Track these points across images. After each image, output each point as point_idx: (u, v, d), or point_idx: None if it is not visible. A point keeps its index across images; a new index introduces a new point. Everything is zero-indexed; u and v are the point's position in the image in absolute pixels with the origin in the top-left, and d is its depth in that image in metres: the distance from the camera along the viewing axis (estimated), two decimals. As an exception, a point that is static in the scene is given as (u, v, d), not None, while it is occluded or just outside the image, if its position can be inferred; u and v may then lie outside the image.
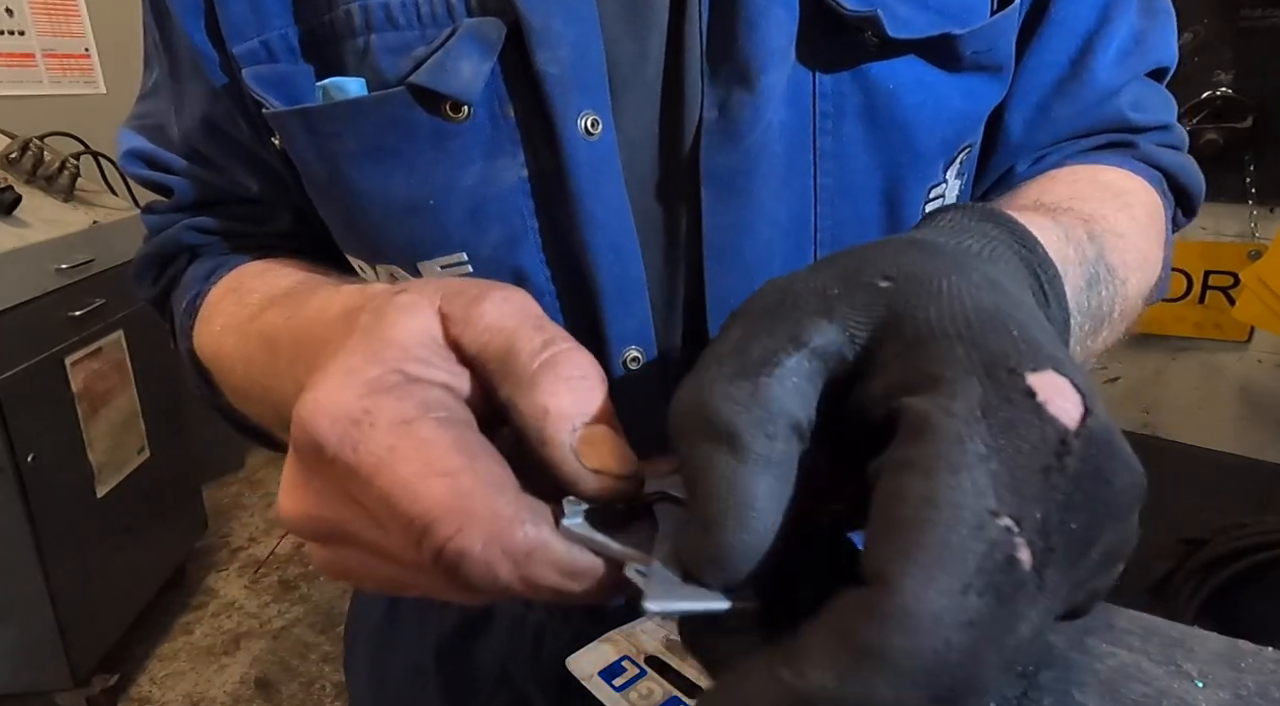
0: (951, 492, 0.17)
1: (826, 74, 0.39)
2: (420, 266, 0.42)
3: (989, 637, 0.17)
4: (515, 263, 0.41)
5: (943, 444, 0.18)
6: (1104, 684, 0.36)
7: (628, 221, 0.40)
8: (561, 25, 0.37)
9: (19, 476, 1.52)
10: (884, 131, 0.41)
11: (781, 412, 0.20)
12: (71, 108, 2.09)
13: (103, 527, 1.75)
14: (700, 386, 0.21)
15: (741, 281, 0.41)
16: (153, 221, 0.53)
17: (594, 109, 0.38)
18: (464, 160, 0.39)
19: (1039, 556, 0.17)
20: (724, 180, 0.39)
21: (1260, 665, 0.38)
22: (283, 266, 0.48)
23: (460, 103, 0.38)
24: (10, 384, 1.50)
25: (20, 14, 1.98)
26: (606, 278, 0.40)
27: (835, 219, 0.42)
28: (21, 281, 1.54)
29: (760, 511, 0.20)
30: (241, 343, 0.41)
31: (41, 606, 1.58)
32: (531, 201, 0.40)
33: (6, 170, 1.68)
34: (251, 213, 0.51)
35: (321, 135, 0.40)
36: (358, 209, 0.42)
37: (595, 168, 0.39)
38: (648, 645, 0.38)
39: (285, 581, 2.24)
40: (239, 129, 0.45)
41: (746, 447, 0.20)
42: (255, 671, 1.93)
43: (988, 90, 0.43)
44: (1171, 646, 0.39)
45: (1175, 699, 0.36)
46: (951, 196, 0.46)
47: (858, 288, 0.22)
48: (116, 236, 1.82)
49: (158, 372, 1.96)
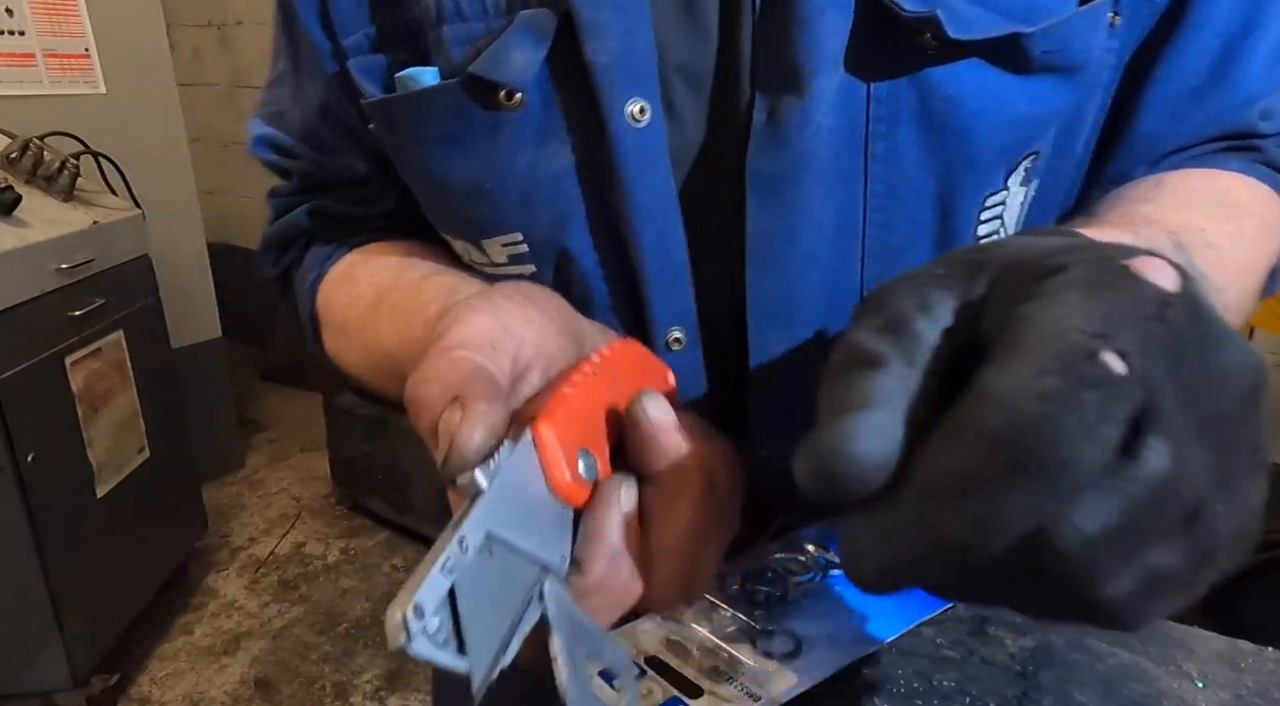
0: (1041, 313, 0.21)
1: (882, 78, 0.38)
2: (484, 244, 0.45)
3: (1066, 409, 0.19)
4: (564, 244, 0.43)
5: (1043, 297, 0.21)
6: (1104, 684, 0.36)
7: (673, 207, 0.41)
8: (610, 16, 0.38)
9: (19, 476, 1.52)
10: (940, 137, 0.39)
11: (917, 352, 0.23)
12: (71, 108, 2.08)
13: (103, 527, 1.75)
14: (848, 337, 0.24)
15: (782, 284, 0.41)
16: (276, 205, 0.57)
17: (642, 97, 0.39)
18: (518, 146, 0.41)
19: (1137, 371, 0.20)
20: (768, 184, 0.40)
21: (1260, 665, 0.38)
22: (386, 256, 0.51)
23: (514, 90, 0.39)
24: (10, 384, 1.50)
25: (20, 14, 1.98)
26: (651, 261, 0.41)
27: (884, 225, 0.41)
28: (21, 281, 1.54)
29: (886, 402, 0.22)
30: (358, 333, 0.48)
31: (41, 606, 1.58)
32: (579, 187, 0.41)
33: (6, 170, 1.68)
34: (361, 195, 0.54)
35: (399, 123, 0.43)
36: (430, 191, 0.45)
37: (641, 154, 0.40)
38: (648, 645, 0.38)
39: (285, 581, 2.24)
40: (350, 114, 0.48)
41: (888, 363, 0.23)
42: (255, 671, 1.93)
43: (1058, 93, 0.41)
44: (1171, 646, 0.39)
45: (1175, 699, 0.36)
46: (1014, 205, 0.44)
47: (960, 263, 0.25)
48: (116, 236, 1.82)
49: (158, 373, 1.96)
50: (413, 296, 0.43)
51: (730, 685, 0.36)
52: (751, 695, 0.35)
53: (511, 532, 0.25)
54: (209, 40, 3.41)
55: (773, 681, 0.36)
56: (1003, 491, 0.19)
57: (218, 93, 3.47)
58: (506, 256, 0.45)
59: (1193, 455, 0.20)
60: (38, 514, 1.55)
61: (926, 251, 0.42)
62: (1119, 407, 0.19)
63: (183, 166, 2.42)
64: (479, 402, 0.26)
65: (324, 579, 2.25)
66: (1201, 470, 0.20)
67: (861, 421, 0.22)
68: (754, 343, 0.43)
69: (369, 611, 2.12)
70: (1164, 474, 0.20)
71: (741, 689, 0.35)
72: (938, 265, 0.25)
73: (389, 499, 2.40)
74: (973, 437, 0.20)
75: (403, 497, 2.35)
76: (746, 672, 0.36)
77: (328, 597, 2.17)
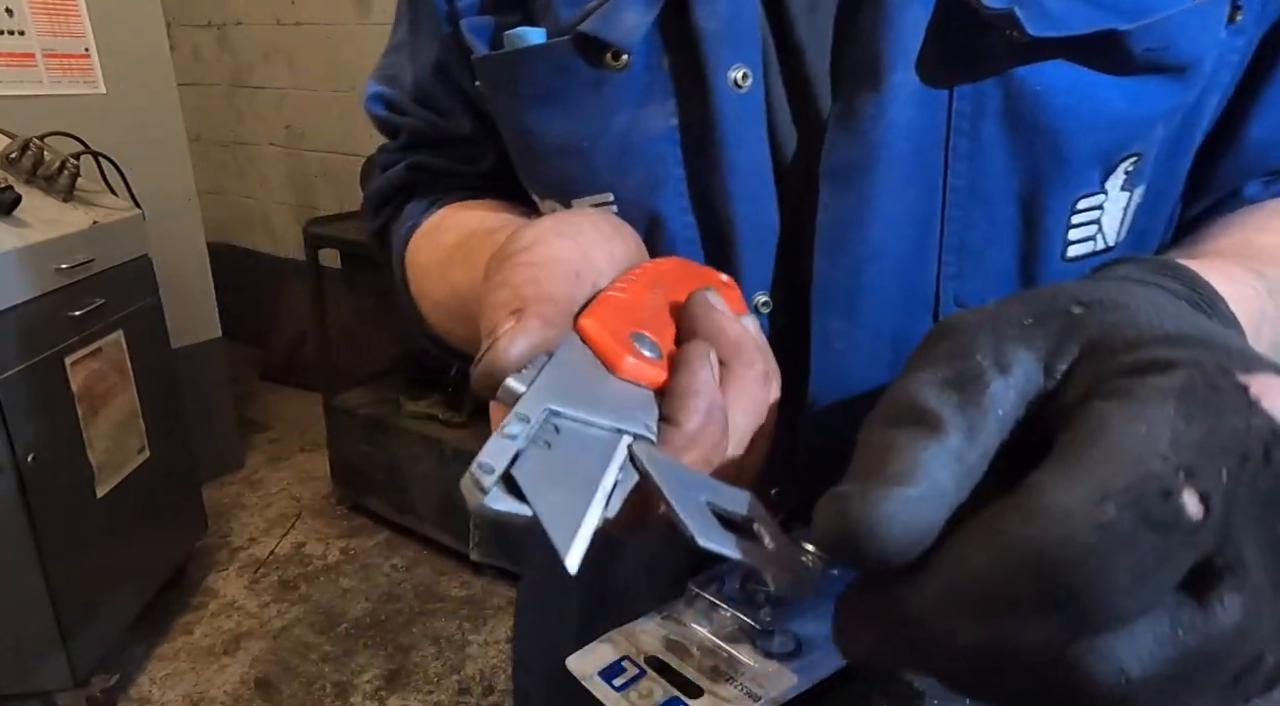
0: (1122, 428, 0.18)
1: (965, 74, 0.37)
2: (573, 203, 0.46)
3: (1121, 548, 0.17)
4: (654, 207, 0.43)
5: (1132, 399, 0.19)
6: (1104, 684, 0.36)
7: (767, 172, 0.41)
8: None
9: (19, 476, 1.52)
10: (1027, 135, 0.38)
11: (983, 426, 0.21)
12: (71, 108, 2.08)
13: (103, 527, 1.75)
14: (908, 385, 0.22)
15: (848, 275, 0.41)
16: (382, 160, 0.60)
17: (745, 63, 0.40)
18: (617, 107, 0.42)
19: (1217, 518, 0.18)
20: (841, 174, 0.40)
21: (1260, 665, 0.38)
22: (475, 210, 0.53)
23: (621, 51, 0.40)
24: (10, 384, 1.50)
25: (20, 14, 1.98)
26: (743, 224, 0.42)
27: (965, 222, 0.40)
28: (21, 281, 1.54)
29: (933, 484, 0.20)
30: (437, 277, 0.49)
31: (41, 606, 1.58)
32: (677, 149, 0.42)
33: (6, 170, 1.68)
34: (463, 154, 0.56)
35: (502, 79, 0.45)
36: (526, 148, 0.46)
37: (741, 118, 0.40)
38: (648, 645, 0.38)
39: (285, 581, 2.24)
40: (461, 74, 0.50)
41: (946, 434, 0.21)
42: (255, 671, 1.93)
43: (1165, 93, 0.38)
44: (1172, 646, 0.39)
45: (1175, 699, 0.36)
46: (1114, 210, 0.41)
47: (1053, 315, 0.22)
48: (116, 236, 1.82)
49: (158, 373, 1.96)
50: (486, 240, 0.44)
51: (730, 685, 0.35)
52: (752, 695, 0.35)
53: (579, 410, 0.25)
54: (209, 40, 3.41)
55: (773, 681, 0.35)
56: (1031, 618, 0.18)
57: (218, 93, 3.47)
58: None
59: (1265, 611, 0.18)
60: (38, 514, 1.55)
61: (1008, 252, 0.41)
62: (1183, 556, 0.18)
63: (183, 166, 2.42)
64: (534, 320, 0.26)
65: (324, 579, 2.25)
66: (1272, 627, 0.19)
67: (900, 500, 0.20)
68: (815, 330, 0.43)
69: (369, 611, 2.12)
70: (1230, 631, 0.18)
71: (742, 689, 0.35)
72: (1027, 310, 0.22)
73: (389, 499, 2.40)
74: (1013, 550, 0.18)
75: (403, 497, 2.35)
76: (746, 672, 0.36)
77: (328, 597, 2.17)
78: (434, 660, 1.96)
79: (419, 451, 2.25)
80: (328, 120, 3.13)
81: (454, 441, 2.19)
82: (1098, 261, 0.40)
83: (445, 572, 2.26)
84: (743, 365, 0.30)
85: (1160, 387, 0.19)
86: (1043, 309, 0.22)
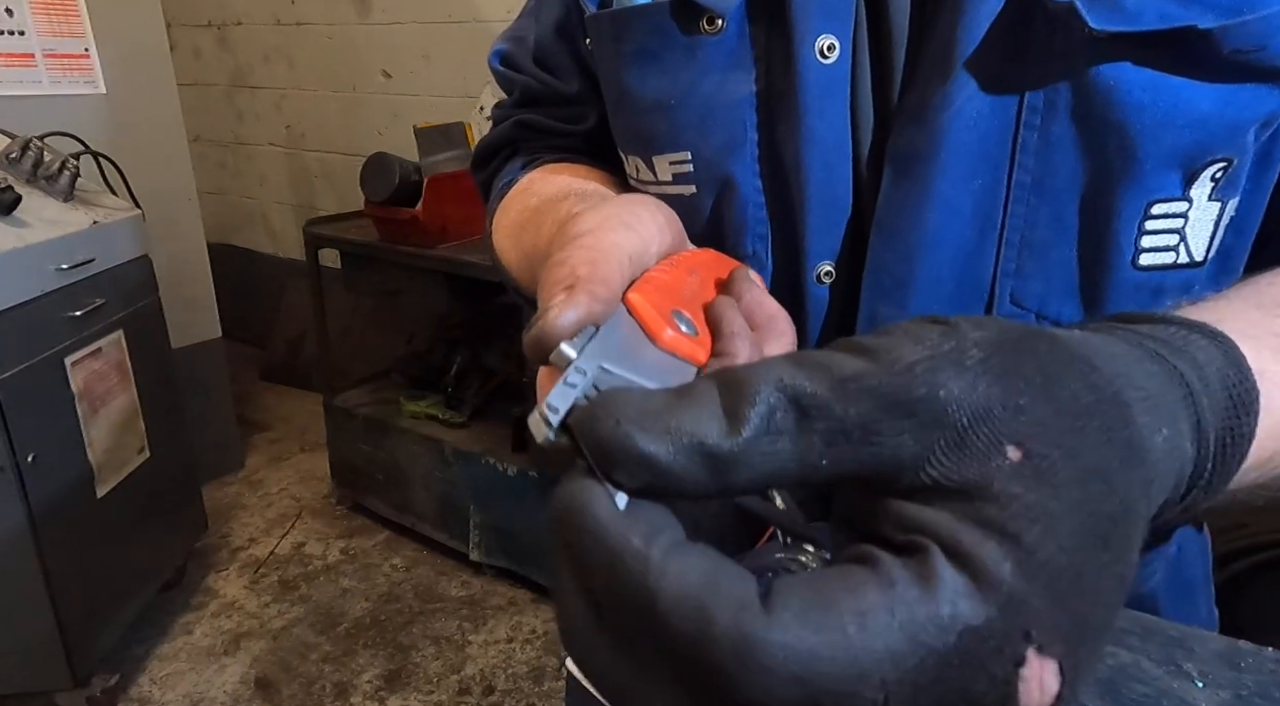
0: (877, 628, 0.17)
1: (1036, 67, 0.36)
2: (654, 160, 0.48)
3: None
4: (728, 170, 0.45)
5: (927, 609, 0.18)
6: (1104, 684, 0.36)
7: (845, 144, 0.42)
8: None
9: (19, 476, 1.52)
10: (1097, 132, 0.36)
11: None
12: (71, 108, 2.08)
13: (103, 527, 1.75)
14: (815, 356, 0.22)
15: (902, 263, 0.41)
16: (496, 115, 0.64)
17: (833, 33, 0.40)
18: (707, 69, 0.44)
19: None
20: (904, 161, 0.40)
21: (1260, 665, 0.38)
22: (562, 174, 0.55)
23: (715, 16, 0.42)
24: (10, 384, 1.50)
25: (20, 14, 1.98)
26: (814, 193, 0.42)
27: (1028, 218, 0.39)
28: (21, 281, 1.54)
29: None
30: (516, 238, 0.51)
31: (41, 606, 1.58)
32: (755, 115, 0.43)
33: (6, 170, 1.68)
34: (568, 113, 0.59)
35: (606, 36, 0.48)
36: (619, 103, 0.49)
37: (824, 89, 0.41)
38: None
39: (285, 581, 2.24)
40: (578, 33, 0.53)
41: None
42: (255, 671, 1.93)
43: (1260, 97, 0.35)
44: (1171, 646, 0.39)
45: (1175, 699, 0.36)
46: (1202, 220, 0.38)
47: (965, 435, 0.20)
48: (116, 236, 1.82)
49: (158, 373, 1.95)
50: (557, 208, 0.45)
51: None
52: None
53: (626, 370, 0.27)
54: (209, 40, 3.41)
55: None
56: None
57: (218, 93, 3.47)
58: (672, 175, 0.47)
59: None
60: (38, 514, 1.55)
61: (1073, 253, 0.39)
62: None
63: (183, 166, 2.42)
64: (584, 295, 0.28)
65: (324, 579, 2.25)
66: None
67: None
68: (863, 313, 0.43)
69: (369, 611, 2.12)
70: None
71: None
72: (959, 399, 0.20)
73: (389, 499, 2.39)
74: (711, 678, 0.18)
75: (403, 497, 2.35)
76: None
77: (328, 597, 2.17)
78: (434, 660, 1.96)
79: (419, 451, 2.25)
80: (328, 120, 3.13)
81: (454, 441, 2.19)
82: (1181, 276, 0.39)
83: (445, 572, 2.26)
84: (775, 334, 0.32)
85: (959, 607, 0.18)
86: (978, 418, 0.20)
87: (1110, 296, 0.40)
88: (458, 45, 2.62)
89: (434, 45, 2.69)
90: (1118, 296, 0.40)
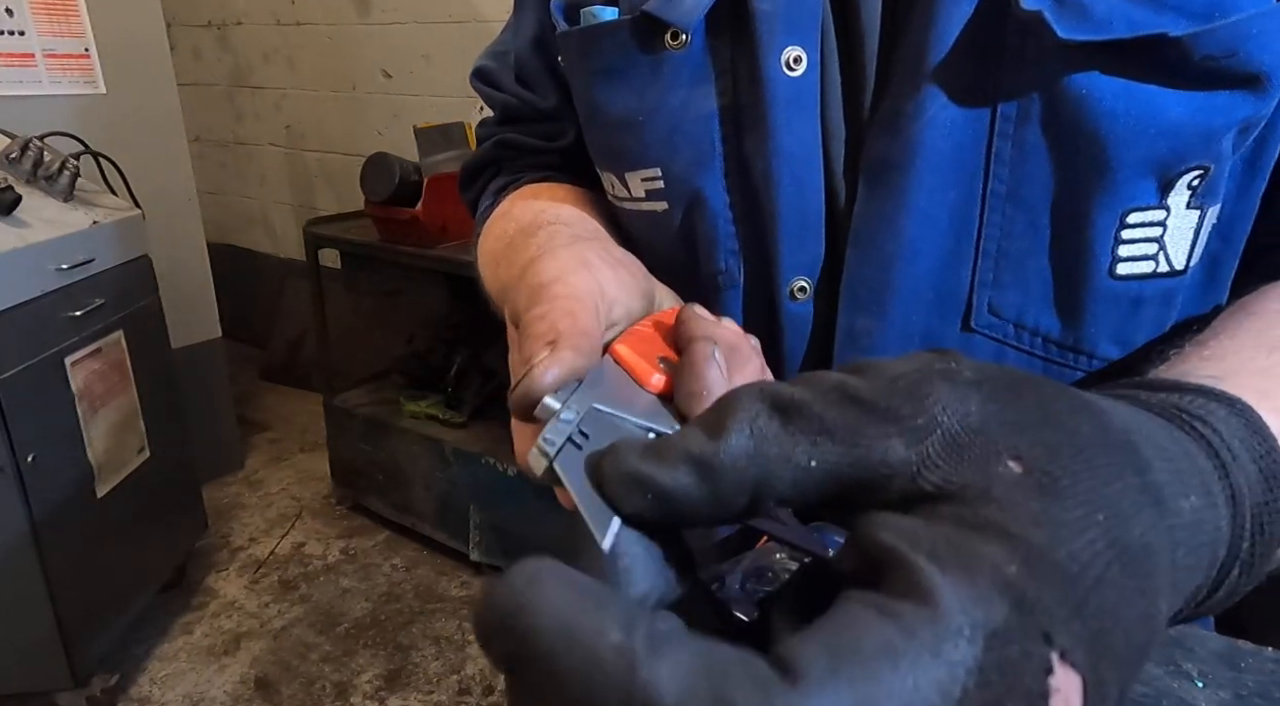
0: (906, 657, 0.16)
1: (1009, 76, 0.36)
2: (627, 177, 0.48)
3: None
4: (697, 185, 0.45)
5: (941, 626, 0.16)
6: (1104, 684, 0.36)
7: (816, 156, 0.41)
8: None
9: (19, 476, 1.52)
10: (1070, 141, 0.36)
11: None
12: (71, 108, 2.08)
13: (103, 527, 1.75)
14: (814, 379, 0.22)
15: (878, 272, 0.41)
16: (479, 133, 0.64)
17: (799, 45, 0.40)
18: (673, 85, 0.43)
19: None
20: (878, 170, 0.40)
21: (1260, 665, 0.38)
22: (539, 199, 0.54)
23: (679, 31, 0.42)
24: (10, 384, 1.50)
25: (20, 14, 1.98)
26: (786, 207, 0.42)
27: (1004, 228, 0.39)
28: (21, 281, 1.54)
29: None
30: (494, 266, 0.50)
31: (41, 606, 1.58)
32: (722, 129, 0.43)
33: (6, 170, 1.68)
34: (546, 130, 0.59)
35: (576, 55, 0.47)
36: (591, 121, 0.49)
37: (791, 100, 0.41)
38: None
39: (285, 581, 2.24)
40: (553, 49, 0.53)
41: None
42: (255, 671, 1.93)
43: (1235, 103, 0.34)
44: (1171, 646, 0.39)
45: (1175, 699, 0.36)
46: (1180, 228, 0.37)
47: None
48: (116, 236, 1.82)
49: (158, 373, 1.95)
50: (528, 244, 0.45)
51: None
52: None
53: (618, 410, 0.28)
54: (209, 40, 3.41)
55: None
56: None
57: (218, 93, 3.47)
58: (644, 191, 0.47)
59: None
60: (38, 514, 1.55)
61: (1049, 262, 0.39)
62: None
63: (183, 166, 2.42)
64: (568, 351, 0.28)
65: (324, 579, 2.25)
66: None
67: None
68: (841, 325, 0.42)
69: (369, 611, 2.12)
70: None
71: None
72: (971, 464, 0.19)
73: (389, 499, 2.39)
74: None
75: (403, 497, 2.35)
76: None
77: (328, 597, 2.17)
78: (434, 660, 1.96)
79: (419, 451, 2.25)
80: (328, 120, 3.13)
81: (454, 441, 2.19)
82: (1161, 285, 0.39)
83: (445, 572, 2.26)
84: (740, 360, 0.32)
85: (975, 621, 0.16)
86: (979, 467, 0.19)
87: (1088, 306, 0.40)
88: (458, 45, 2.62)
89: (434, 45, 2.69)
90: (1095, 306, 0.39)
